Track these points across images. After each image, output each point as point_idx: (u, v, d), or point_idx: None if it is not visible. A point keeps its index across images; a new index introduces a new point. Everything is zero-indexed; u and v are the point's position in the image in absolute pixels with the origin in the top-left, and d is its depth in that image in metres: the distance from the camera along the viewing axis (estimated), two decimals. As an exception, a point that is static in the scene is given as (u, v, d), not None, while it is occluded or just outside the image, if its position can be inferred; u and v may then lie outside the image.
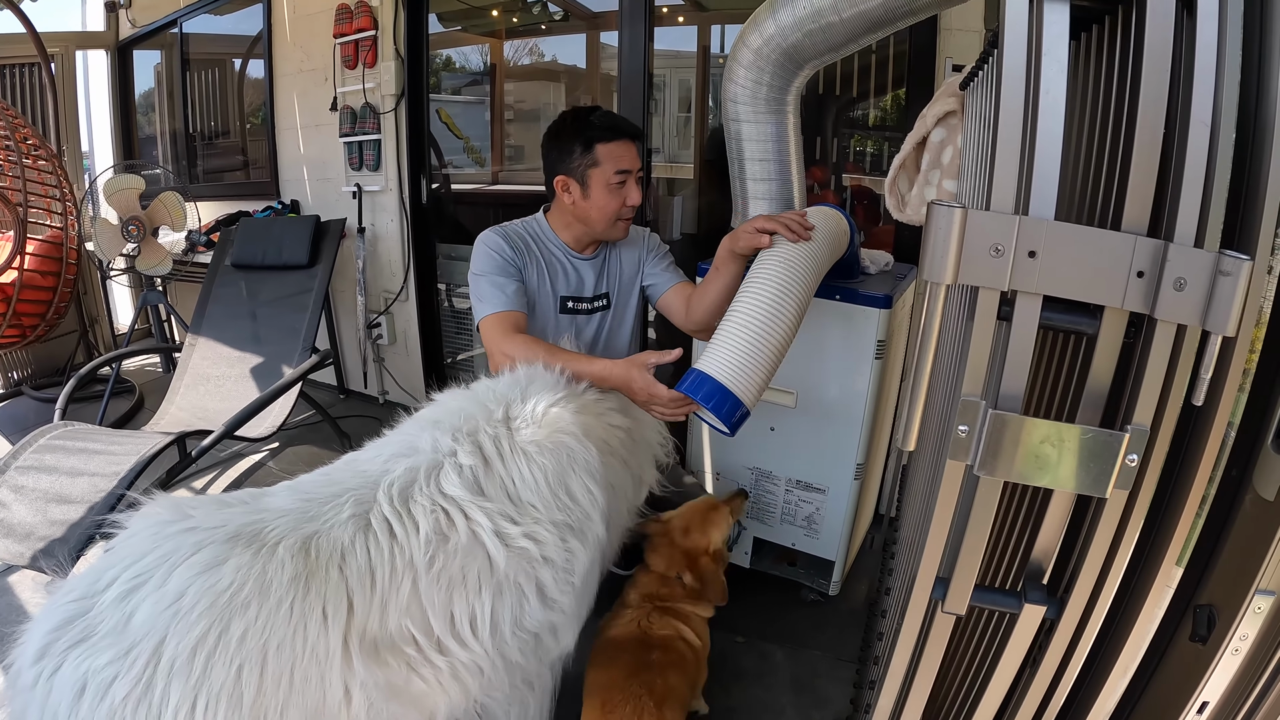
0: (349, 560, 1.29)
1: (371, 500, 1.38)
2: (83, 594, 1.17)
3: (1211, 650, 1.14)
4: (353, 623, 1.26)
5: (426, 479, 1.44)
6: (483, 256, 2.17)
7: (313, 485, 1.44)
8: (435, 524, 1.39)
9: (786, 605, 2.66)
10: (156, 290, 4.74)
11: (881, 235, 3.13)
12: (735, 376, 1.61)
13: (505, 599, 1.44)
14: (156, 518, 1.28)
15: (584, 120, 2.10)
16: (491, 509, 1.45)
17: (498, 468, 1.50)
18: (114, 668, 1.09)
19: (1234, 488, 1.14)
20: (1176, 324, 0.85)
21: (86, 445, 2.81)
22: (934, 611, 1.12)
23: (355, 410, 4.39)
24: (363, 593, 1.28)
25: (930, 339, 0.90)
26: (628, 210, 2.15)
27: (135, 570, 1.18)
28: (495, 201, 4.61)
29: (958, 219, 0.85)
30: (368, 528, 1.34)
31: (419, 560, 1.34)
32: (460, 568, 1.39)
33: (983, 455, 0.90)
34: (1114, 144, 0.91)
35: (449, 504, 1.42)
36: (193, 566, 1.18)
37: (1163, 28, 0.83)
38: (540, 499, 1.51)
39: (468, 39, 4.65)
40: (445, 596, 1.37)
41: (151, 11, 5.30)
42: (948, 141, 2.04)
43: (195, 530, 1.24)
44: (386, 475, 1.43)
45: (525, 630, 1.49)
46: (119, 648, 1.10)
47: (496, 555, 1.41)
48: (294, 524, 1.30)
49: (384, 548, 1.33)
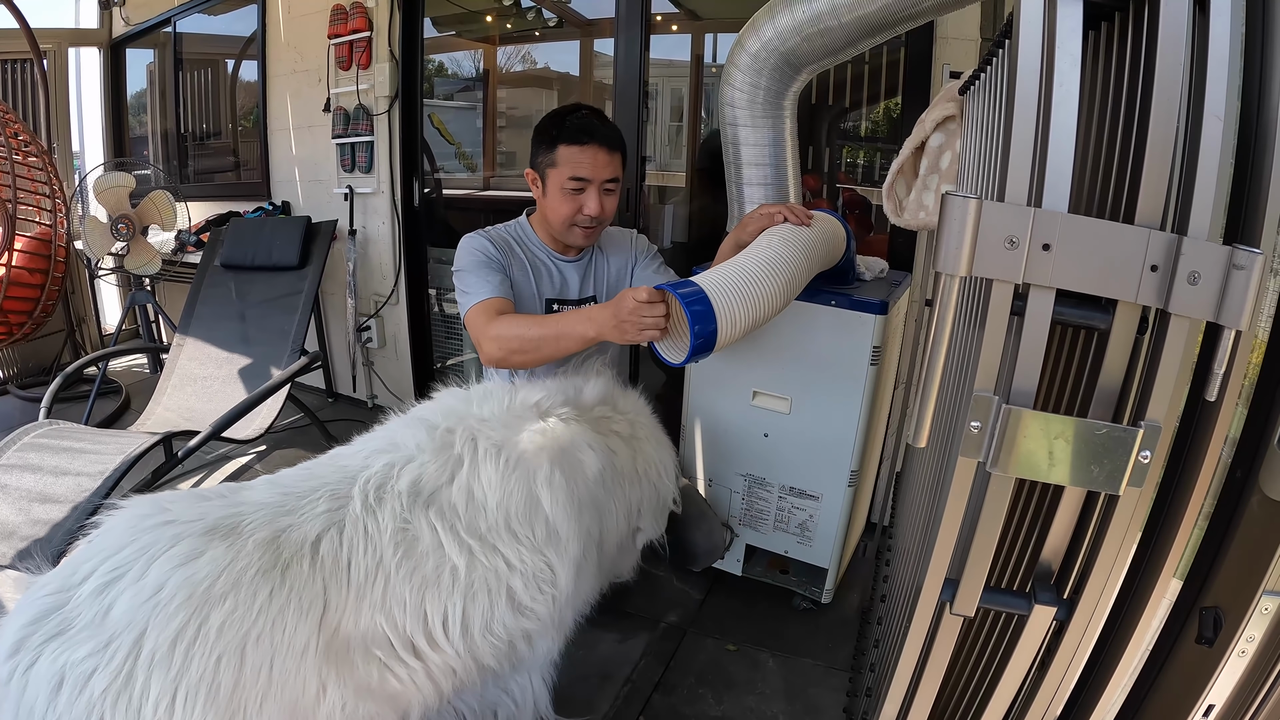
0: (320, 555, 1.29)
1: (347, 496, 1.38)
2: (59, 587, 1.17)
3: (1218, 652, 1.13)
4: (327, 617, 1.25)
5: (399, 477, 1.43)
6: (465, 253, 2.16)
7: (292, 479, 1.44)
8: (404, 523, 1.38)
9: (779, 613, 2.65)
10: (145, 290, 4.71)
11: (875, 243, 3.13)
12: (719, 295, 1.59)
13: (477, 602, 1.43)
14: (134, 511, 1.28)
15: (560, 118, 2.08)
16: (457, 513, 1.44)
17: (468, 473, 1.48)
18: (93, 660, 1.08)
19: (1240, 489, 1.14)
20: (1190, 318, 0.84)
21: (71, 444, 2.77)
22: (942, 613, 1.11)
23: (343, 414, 4.36)
24: (337, 588, 1.28)
25: (944, 332, 0.89)
26: (584, 219, 2.11)
27: (113, 563, 1.17)
28: (486, 207, 4.62)
29: (973, 210, 0.84)
30: (341, 523, 1.33)
31: (389, 559, 1.34)
32: (434, 568, 1.38)
33: (995, 452, 0.89)
34: (1126, 138, 0.91)
35: (417, 504, 1.41)
36: (171, 559, 1.18)
37: (1176, 21, 0.83)
38: (505, 508, 1.49)
39: (462, 44, 4.65)
40: (418, 596, 1.36)
41: (145, 10, 5.28)
42: (946, 146, 2.04)
43: (173, 523, 1.24)
44: (365, 471, 1.43)
45: (495, 635, 1.47)
46: (98, 640, 1.10)
47: (459, 560, 1.40)
48: (269, 517, 1.30)
49: (357, 544, 1.32)
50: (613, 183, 2.11)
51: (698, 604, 2.70)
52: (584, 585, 1.70)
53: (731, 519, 2.59)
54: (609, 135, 2.07)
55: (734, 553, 2.63)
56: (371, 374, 4.49)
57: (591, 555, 1.67)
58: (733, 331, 1.60)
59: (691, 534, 2.27)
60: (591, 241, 2.22)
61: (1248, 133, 0.98)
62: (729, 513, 2.59)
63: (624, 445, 1.80)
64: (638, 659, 2.41)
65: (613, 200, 2.15)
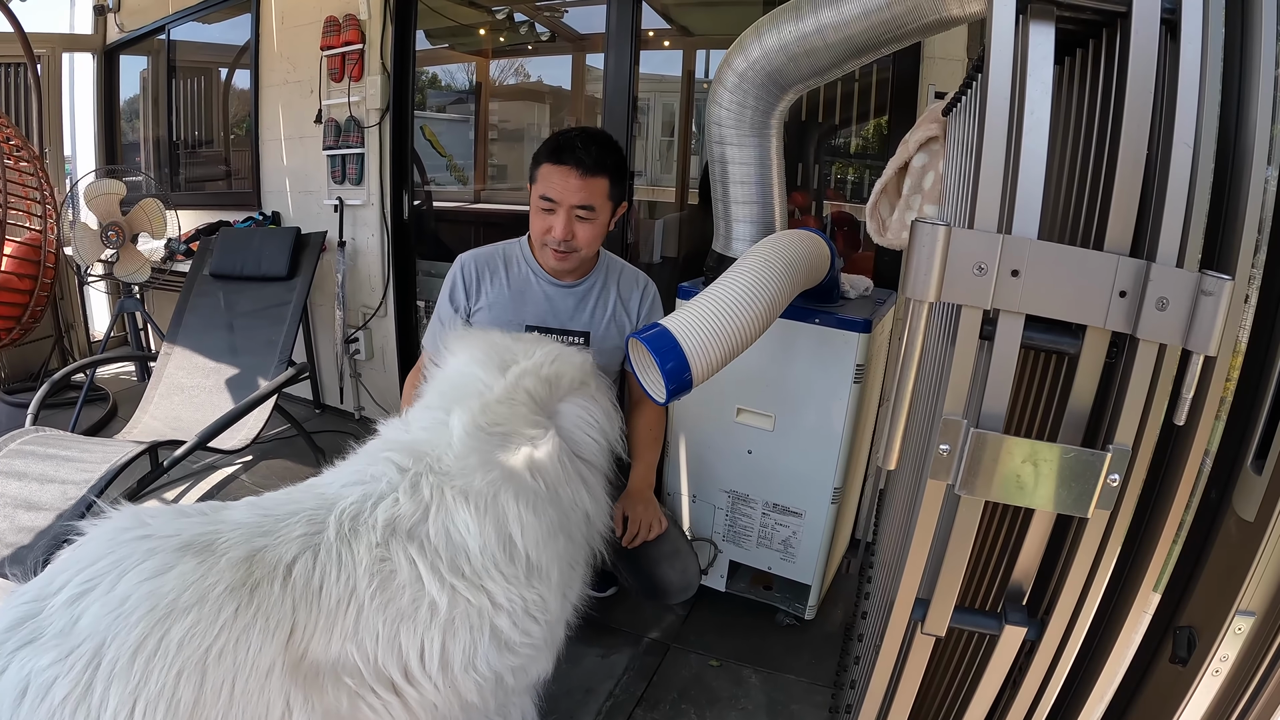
0: (292, 577, 1.28)
1: (323, 522, 1.37)
2: (35, 596, 1.17)
3: (1192, 672, 1.15)
4: (294, 639, 1.25)
5: (372, 510, 1.41)
6: (444, 284, 2.21)
7: (273, 502, 1.43)
8: (380, 556, 1.36)
9: (762, 629, 2.65)
10: (134, 297, 4.69)
11: (861, 261, 3.14)
12: (693, 339, 1.59)
13: (457, 639, 1.41)
14: (113, 524, 1.27)
15: (556, 136, 2.07)
16: (438, 551, 1.42)
17: (444, 517, 1.46)
18: (55, 669, 1.07)
19: (1214, 509, 1.15)
20: (1158, 344, 0.85)
21: (57, 452, 2.77)
22: (913, 633, 1.11)
23: (330, 425, 4.35)
24: (306, 610, 1.27)
25: (912, 358, 0.90)
26: (553, 240, 2.07)
27: (87, 575, 1.17)
28: (477, 220, 4.62)
29: (941, 237, 0.85)
30: (316, 549, 1.32)
31: (363, 589, 1.32)
32: (410, 601, 1.37)
33: (964, 475, 0.90)
34: (1097, 164, 0.92)
35: (395, 539, 1.39)
36: (141, 572, 1.17)
37: (1146, 49, 0.84)
38: (488, 552, 1.46)
39: (454, 57, 4.67)
40: (392, 628, 1.34)
41: (140, 16, 5.27)
42: (929, 167, 2.06)
43: (149, 538, 1.24)
44: (341, 500, 1.42)
45: (479, 672, 1.45)
46: (62, 649, 1.09)
47: (439, 597, 1.39)
48: (246, 537, 1.29)
49: (330, 570, 1.31)
50: (586, 210, 2.05)
51: (681, 619, 2.69)
52: (571, 595, 1.69)
53: (715, 535, 2.60)
54: (588, 160, 2.01)
55: (718, 569, 2.64)
56: (359, 386, 4.47)
57: (570, 570, 1.67)
58: (710, 371, 1.61)
59: (664, 570, 2.21)
60: (566, 266, 2.16)
61: (1225, 157, 0.99)
62: (712, 529, 2.59)
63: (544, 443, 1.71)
64: (620, 674, 2.40)
65: (589, 228, 2.08)
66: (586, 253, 2.14)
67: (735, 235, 2.43)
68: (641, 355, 1.65)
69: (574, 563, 1.69)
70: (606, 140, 2.09)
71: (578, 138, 2.03)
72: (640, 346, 1.62)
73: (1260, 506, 1.05)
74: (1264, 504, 1.04)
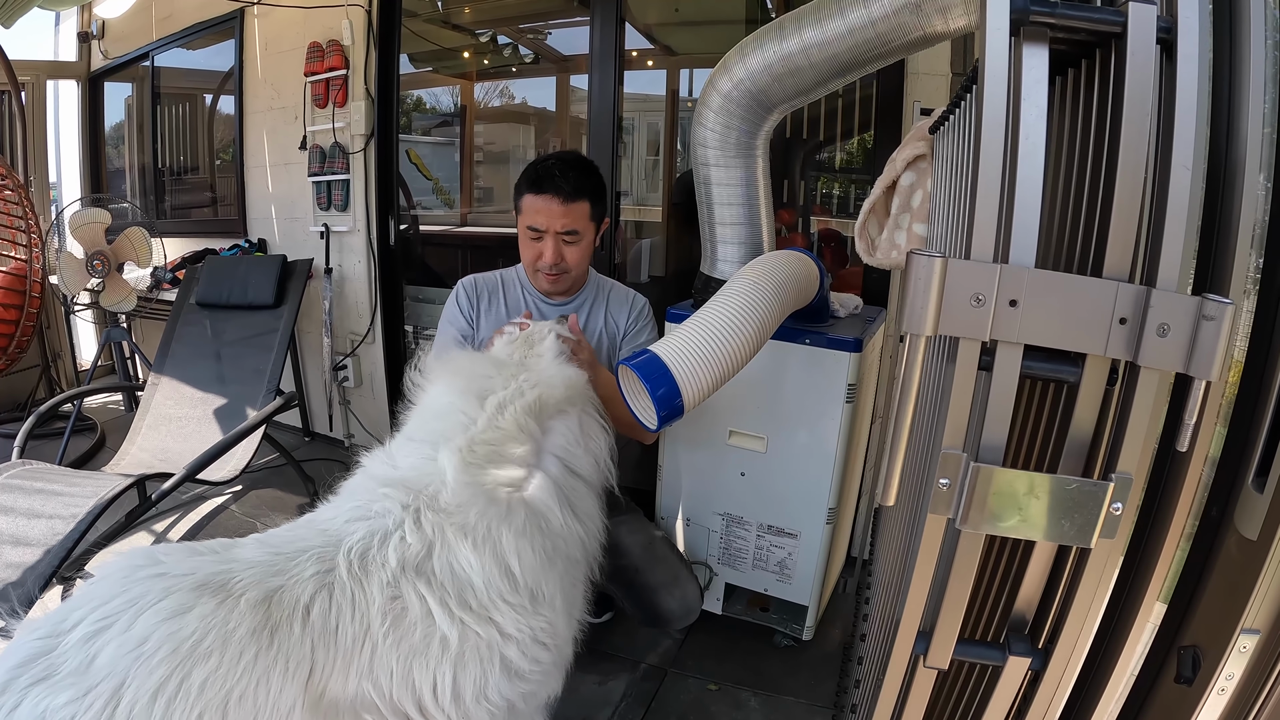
0: (310, 617, 1.27)
1: (333, 560, 1.35)
2: (49, 632, 1.15)
3: (1197, 691, 1.13)
4: (313, 679, 1.24)
5: (380, 547, 1.40)
6: (446, 307, 2.25)
7: (280, 540, 1.41)
8: (392, 595, 1.35)
9: (760, 651, 2.63)
10: (120, 327, 4.66)
11: (849, 277, 3.14)
12: (683, 365, 1.59)
13: (468, 671, 1.40)
14: (128, 562, 1.26)
15: (534, 166, 2.11)
16: (445, 587, 1.41)
17: (448, 553, 1.45)
18: (72, 708, 1.06)
19: (1215, 528, 1.14)
20: (1160, 370, 0.84)
21: (45, 486, 2.74)
22: (915, 666, 1.10)
23: (320, 453, 4.32)
24: (325, 650, 1.26)
25: (910, 392, 0.89)
26: (544, 265, 2.14)
27: (102, 613, 1.15)
28: (464, 243, 4.60)
29: (938, 269, 0.83)
30: (331, 588, 1.31)
31: (377, 628, 1.32)
32: (422, 637, 1.36)
33: (965, 509, 0.88)
34: (1094, 189, 0.91)
35: (405, 577, 1.38)
36: (159, 612, 1.16)
37: (1143, 70, 0.83)
38: (493, 586, 1.45)
39: (439, 80, 4.67)
40: (405, 665, 1.34)
41: (124, 43, 5.27)
42: (917, 185, 2.05)
43: (164, 576, 1.22)
44: (347, 538, 1.40)
45: (491, 701, 1.45)
46: (79, 688, 1.08)
47: (449, 632, 1.38)
48: (260, 576, 1.28)
49: (344, 610, 1.30)
50: (571, 235, 2.12)
51: (678, 643, 2.67)
52: (576, 612, 1.69)
53: (710, 558, 2.58)
54: (568, 186, 2.06)
55: (714, 591, 2.62)
56: (348, 413, 4.45)
57: (573, 588, 1.66)
58: (701, 396, 1.61)
59: (663, 599, 2.23)
60: (559, 287, 2.22)
61: (1216, 177, 0.98)
62: (707, 552, 2.58)
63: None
64: (618, 701, 2.38)
65: (576, 249, 2.16)
66: (576, 272, 2.21)
67: (721, 257, 2.42)
68: (632, 382, 1.64)
69: (575, 581, 1.68)
70: (583, 164, 2.16)
71: (555, 166, 2.08)
72: (631, 374, 1.61)
73: (1263, 525, 1.04)
74: (1267, 522, 1.03)
